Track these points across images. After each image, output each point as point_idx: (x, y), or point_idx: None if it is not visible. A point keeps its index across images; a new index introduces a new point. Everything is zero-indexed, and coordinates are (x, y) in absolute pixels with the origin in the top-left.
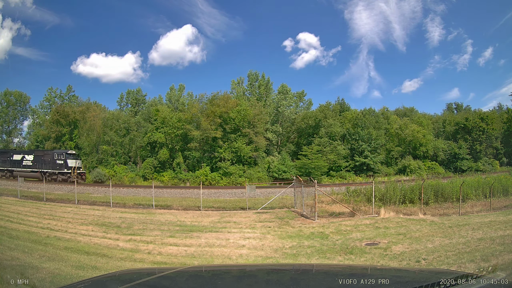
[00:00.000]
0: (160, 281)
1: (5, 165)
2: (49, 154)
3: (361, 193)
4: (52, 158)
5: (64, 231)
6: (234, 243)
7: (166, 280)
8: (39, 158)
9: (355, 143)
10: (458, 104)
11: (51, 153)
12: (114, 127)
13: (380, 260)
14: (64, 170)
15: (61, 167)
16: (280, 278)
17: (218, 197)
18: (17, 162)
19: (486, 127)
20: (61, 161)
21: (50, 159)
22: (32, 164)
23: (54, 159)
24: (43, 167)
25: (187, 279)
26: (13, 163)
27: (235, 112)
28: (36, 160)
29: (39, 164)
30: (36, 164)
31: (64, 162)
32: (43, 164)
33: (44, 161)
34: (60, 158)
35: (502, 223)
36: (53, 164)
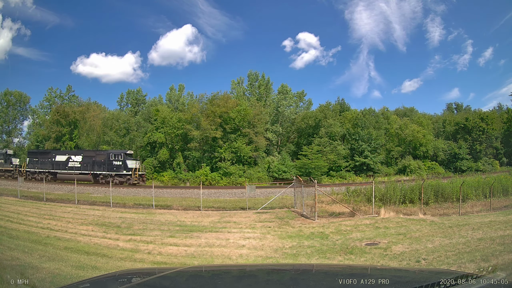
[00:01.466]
0: (160, 281)
1: (46, 167)
2: (103, 155)
3: (361, 193)
4: (107, 159)
5: (64, 231)
6: (234, 243)
7: (166, 280)
8: (89, 159)
9: (355, 143)
10: (458, 104)
11: (106, 154)
12: (114, 127)
13: (380, 260)
14: (123, 171)
15: (118, 168)
16: (280, 278)
17: (218, 197)
18: (61, 163)
19: (486, 127)
20: (118, 162)
21: (104, 160)
22: (80, 166)
23: (110, 160)
24: (96, 169)
25: (187, 279)
26: (56, 165)
27: (235, 112)
28: (86, 161)
29: (90, 165)
30: (87, 165)
31: (122, 163)
32: (95, 166)
33: (96, 162)
34: (117, 159)
35: (502, 223)
36: (109, 165)
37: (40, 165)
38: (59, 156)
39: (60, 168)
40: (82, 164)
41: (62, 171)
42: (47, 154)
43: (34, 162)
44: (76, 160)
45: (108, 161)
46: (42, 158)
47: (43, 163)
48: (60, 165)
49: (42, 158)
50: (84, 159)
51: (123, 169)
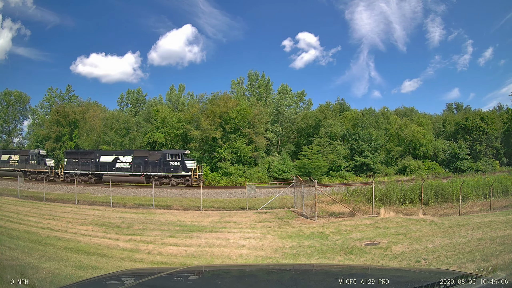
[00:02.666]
0: (160, 281)
1: (89, 169)
2: (157, 155)
3: (361, 193)
4: (163, 159)
5: (64, 231)
6: (234, 243)
7: (166, 280)
8: (141, 160)
9: (355, 143)
10: (458, 104)
11: (162, 154)
12: (114, 127)
13: (380, 260)
14: (182, 172)
15: (176, 169)
16: (280, 278)
17: (218, 197)
18: (107, 164)
19: (486, 127)
20: (176, 163)
21: (159, 161)
22: (131, 167)
23: (167, 161)
24: (150, 170)
25: (187, 279)
26: (102, 166)
27: (235, 112)
28: (137, 162)
29: (142, 166)
30: (138, 166)
31: (181, 163)
32: (148, 166)
33: (149, 162)
34: (175, 159)
35: (502, 223)
36: (165, 166)
37: (81, 166)
38: (104, 156)
39: (106, 169)
40: (133, 165)
41: (109, 172)
42: (89, 155)
43: (73, 163)
44: (125, 161)
45: (164, 161)
46: (84, 159)
47: (85, 164)
48: (106, 166)
49: (84, 158)
50: (134, 159)
51: (182, 169)
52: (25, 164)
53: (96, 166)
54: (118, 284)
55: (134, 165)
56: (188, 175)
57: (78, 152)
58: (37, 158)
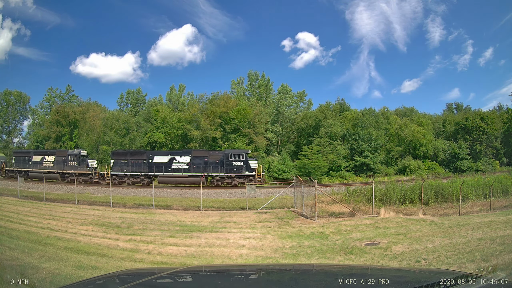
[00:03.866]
0: (160, 281)
1: (140, 170)
2: (218, 155)
3: (361, 193)
4: (225, 159)
5: (64, 231)
6: (234, 243)
7: (166, 280)
8: (201, 160)
9: (355, 143)
10: (458, 104)
11: (224, 154)
12: (114, 127)
13: (380, 260)
14: (245, 172)
15: (239, 169)
16: (280, 278)
17: (218, 197)
18: (162, 165)
19: (486, 127)
20: (239, 163)
21: (220, 161)
22: (189, 167)
23: (230, 161)
24: (209, 170)
25: (187, 279)
26: (157, 167)
27: (235, 112)
28: (196, 162)
29: (201, 166)
30: (197, 167)
31: (244, 163)
32: (208, 167)
33: (209, 163)
34: (238, 159)
35: (502, 223)
36: (228, 166)
37: (131, 167)
38: (158, 157)
39: (161, 170)
40: (191, 165)
41: (164, 173)
42: (141, 155)
43: (121, 164)
44: (182, 161)
45: (226, 161)
46: (134, 160)
47: (135, 165)
48: (160, 167)
49: (134, 159)
50: (193, 159)
51: (245, 170)
52: (62, 165)
53: (149, 167)
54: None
55: (192, 165)
56: (252, 175)
57: (128, 152)
58: (78, 159)
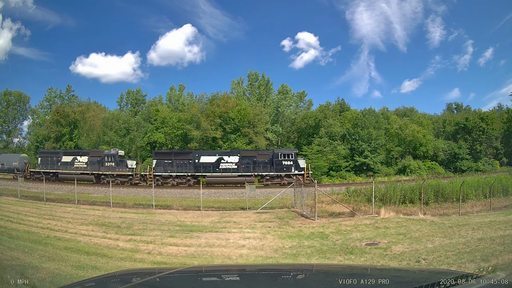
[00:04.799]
0: (160, 281)
1: (186, 170)
2: (267, 155)
3: (361, 193)
4: (275, 158)
5: (64, 231)
6: (234, 243)
7: (166, 280)
8: (249, 160)
9: (355, 143)
10: (458, 104)
11: (272, 153)
12: (114, 127)
13: (380, 260)
14: (295, 172)
15: (289, 168)
16: (280, 278)
17: (218, 197)
18: (210, 165)
19: (486, 127)
20: (289, 162)
21: (269, 160)
22: (237, 167)
23: (279, 160)
24: (259, 170)
25: (187, 279)
26: (204, 167)
27: (235, 112)
28: (245, 162)
29: (251, 166)
30: (246, 166)
31: (294, 162)
32: (258, 166)
33: (258, 162)
34: (288, 158)
35: (502, 223)
36: (277, 165)
37: (176, 167)
38: (205, 157)
39: (210, 170)
40: (240, 165)
41: (212, 173)
42: (187, 155)
43: (165, 165)
44: (231, 161)
45: (276, 161)
46: (179, 160)
47: (181, 166)
48: (209, 167)
49: (179, 159)
50: (242, 159)
51: (295, 169)
52: (98, 166)
53: (195, 167)
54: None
55: (241, 165)
56: (301, 174)
57: (172, 152)
58: (115, 160)
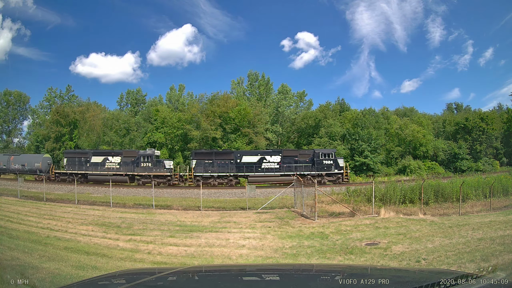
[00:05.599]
0: (160, 281)
1: (228, 170)
2: (308, 154)
3: (361, 193)
4: (315, 158)
5: (64, 231)
6: (234, 243)
7: (166, 280)
8: (291, 159)
9: (355, 143)
10: (458, 104)
11: (313, 152)
12: (114, 127)
13: (380, 260)
14: (335, 171)
15: (329, 167)
16: (280, 278)
17: (218, 197)
18: (252, 165)
19: (486, 127)
20: (329, 161)
21: (310, 159)
22: (279, 167)
23: (320, 159)
24: (300, 169)
25: (187, 279)
26: (247, 167)
27: (235, 112)
28: (287, 161)
29: (292, 165)
30: (288, 166)
31: (334, 162)
32: (300, 166)
33: (299, 162)
34: (328, 157)
35: (502, 223)
36: (318, 165)
37: (217, 167)
38: (247, 157)
39: (253, 170)
40: (281, 164)
41: (255, 173)
42: (228, 155)
43: (205, 165)
44: (273, 161)
45: (317, 160)
46: (220, 160)
47: (222, 166)
48: (251, 167)
49: (220, 159)
50: (283, 159)
51: (335, 168)
52: (132, 166)
53: (237, 167)
54: (118, 284)
55: (283, 164)
56: (340, 173)
57: (213, 152)
58: (152, 160)
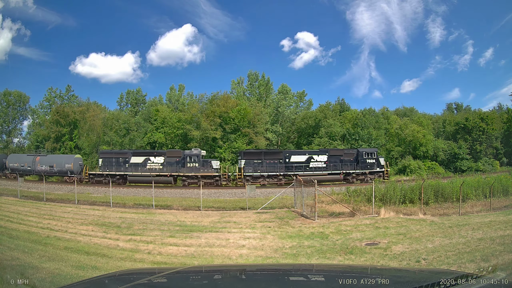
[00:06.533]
0: (160, 281)
1: (277, 169)
2: (352, 153)
3: (361, 193)
4: (360, 157)
5: (64, 231)
6: (234, 243)
7: (166, 280)
8: (337, 158)
9: (355, 143)
10: (458, 104)
11: (357, 152)
12: (114, 127)
13: (380, 260)
14: (377, 169)
15: (372, 166)
16: (280, 278)
17: (218, 197)
18: (300, 165)
19: (486, 127)
20: (372, 160)
21: (354, 158)
22: (326, 166)
23: (364, 158)
24: (346, 168)
25: (187, 279)
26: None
27: (235, 112)
28: (333, 160)
29: (338, 164)
30: (335, 165)
31: (376, 161)
32: (346, 165)
33: (345, 161)
34: (371, 156)
35: (502, 223)
36: (362, 163)
37: (266, 167)
38: (295, 156)
39: (302, 169)
40: (328, 163)
41: (303, 172)
42: (277, 155)
43: (254, 165)
44: (320, 160)
45: (361, 159)
46: (269, 160)
47: (271, 165)
48: (300, 167)
49: (269, 159)
50: (330, 158)
51: (377, 166)
52: (177, 167)
53: (286, 166)
54: (118, 284)
55: (330, 163)
56: (381, 171)
57: (261, 152)
58: (199, 160)
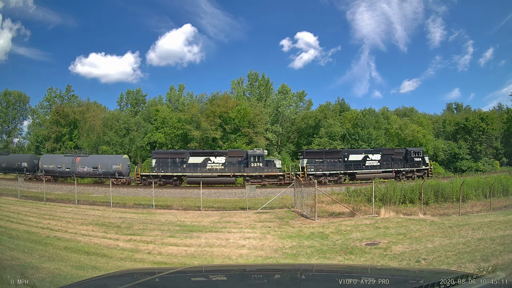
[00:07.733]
0: (160, 281)
1: (337, 168)
2: (401, 152)
3: (361, 193)
4: (408, 156)
5: (64, 231)
6: (234, 243)
7: (166, 280)
8: (389, 157)
9: (355, 143)
10: (458, 104)
11: (405, 151)
12: (114, 127)
13: (380, 260)
14: (422, 167)
15: (418, 164)
16: (280, 278)
17: (218, 197)
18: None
19: (486, 127)
20: (418, 158)
21: (403, 157)
22: (379, 164)
23: (411, 157)
24: (396, 166)
25: (187, 279)
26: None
27: (235, 112)
28: (385, 159)
29: (390, 163)
30: (387, 163)
31: (422, 159)
32: (396, 163)
33: (395, 159)
34: (417, 155)
35: (502, 223)
36: (410, 162)
37: (327, 166)
38: (353, 155)
39: (359, 167)
40: (381, 162)
41: (361, 170)
42: (337, 154)
43: (316, 164)
44: (374, 159)
45: (409, 157)
46: (330, 159)
47: (331, 164)
48: (358, 165)
49: (330, 158)
50: (383, 157)
51: (422, 164)
52: (239, 167)
53: (345, 165)
54: (118, 284)
55: (383, 162)
56: (426, 169)
57: (323, 151)
58: (262, 160)
